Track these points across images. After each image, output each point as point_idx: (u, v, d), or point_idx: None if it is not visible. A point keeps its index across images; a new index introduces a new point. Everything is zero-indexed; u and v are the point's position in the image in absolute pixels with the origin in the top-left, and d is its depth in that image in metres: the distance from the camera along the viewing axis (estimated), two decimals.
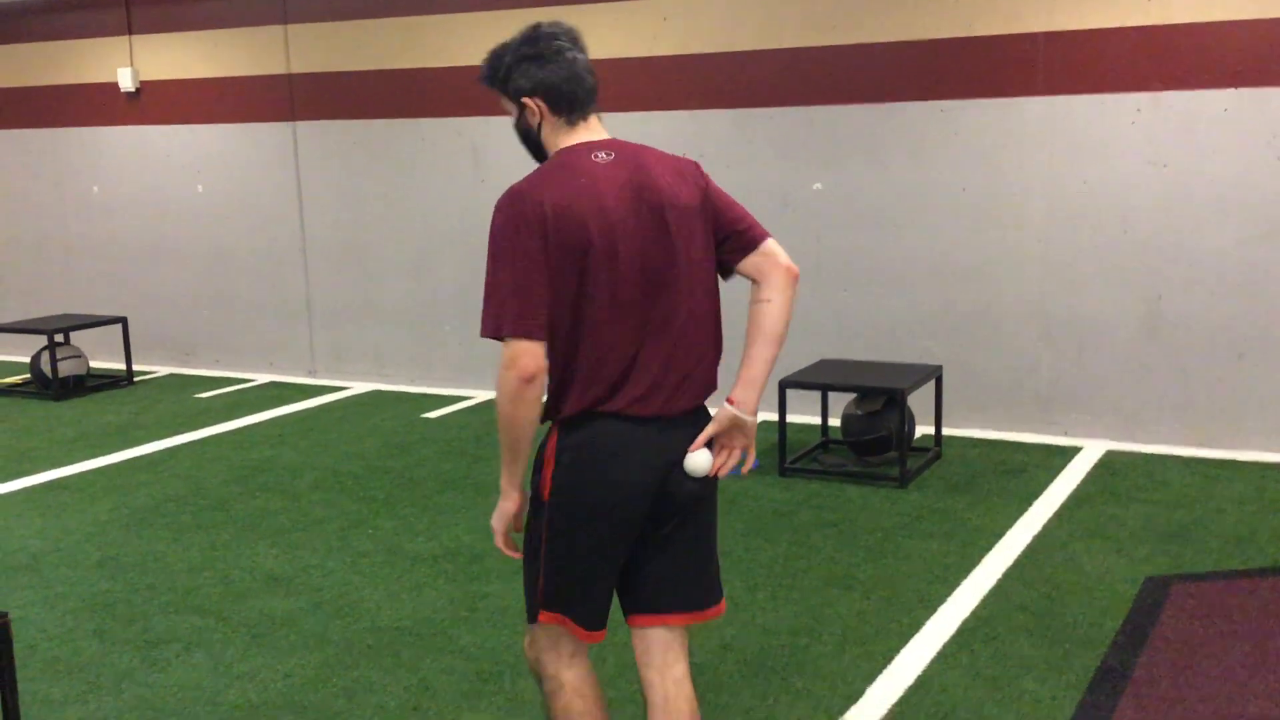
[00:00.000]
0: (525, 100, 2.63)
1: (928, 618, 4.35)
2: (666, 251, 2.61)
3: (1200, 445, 6.43)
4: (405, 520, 5.66)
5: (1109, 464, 6.21)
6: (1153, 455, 6.34)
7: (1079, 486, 5.84)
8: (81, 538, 5.55)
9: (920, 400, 6.57)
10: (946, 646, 4.10)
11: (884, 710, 3.65)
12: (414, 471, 6.49)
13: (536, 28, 2.62)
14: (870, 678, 3.87)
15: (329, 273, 9.07)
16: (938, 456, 6.42)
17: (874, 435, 6.17)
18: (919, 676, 3.88)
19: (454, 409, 7.99)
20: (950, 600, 4.50)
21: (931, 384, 6.48)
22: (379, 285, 8.87)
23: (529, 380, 2.52)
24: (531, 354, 2.52)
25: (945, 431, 6.72)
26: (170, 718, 3.76)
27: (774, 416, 6.38)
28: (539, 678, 2.80)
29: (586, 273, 2.55)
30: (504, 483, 2.72)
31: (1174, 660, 3.90)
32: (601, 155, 2.63)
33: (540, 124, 2.66)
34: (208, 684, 4.00)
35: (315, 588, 4.83)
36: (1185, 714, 3.54)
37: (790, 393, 6.32)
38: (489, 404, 8.12)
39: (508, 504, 2.73)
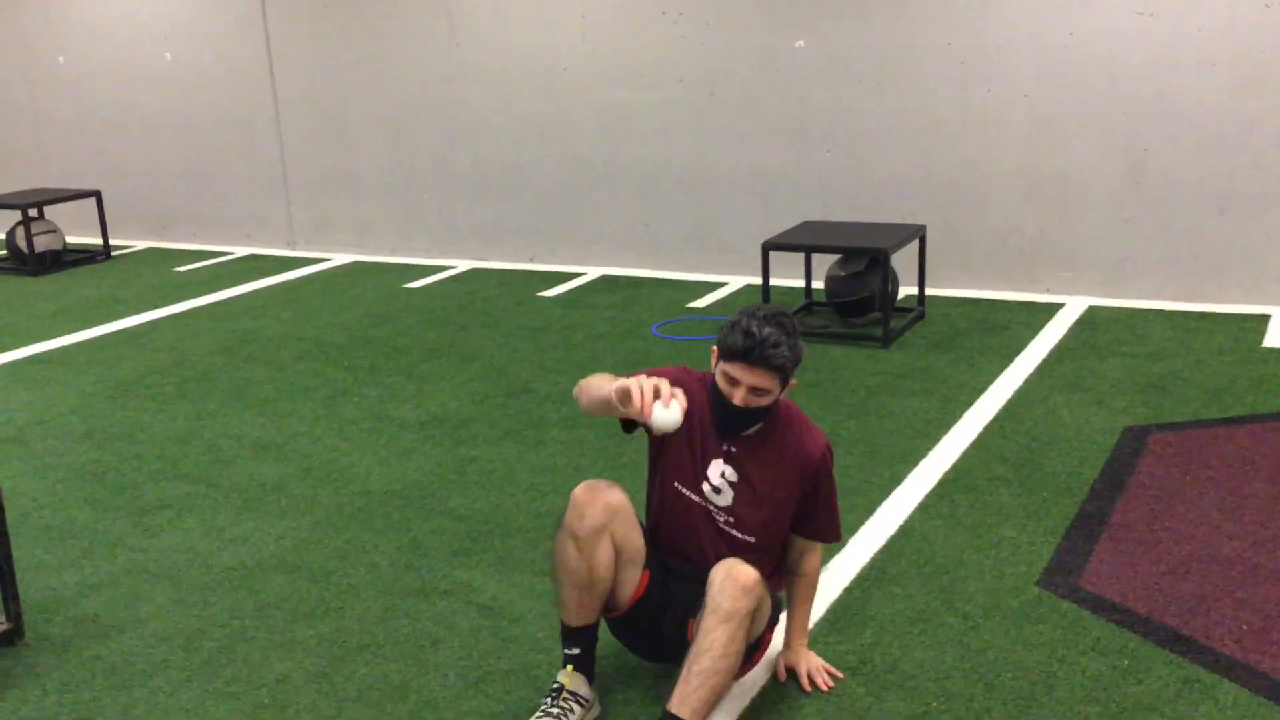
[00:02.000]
0: (792, 381, 2.94)
1: (909, 471, 4.41)
2: None
3: (1181, 299, 6.46)
4: (391, 388, 5.68)
5: (1090, 319, 6.24)
6: (1134, 310, 6.37)
7: (1060, 342, 5.88)
8: (67, 410, 5.56)
9: (904, 260, 6.56)
10: (928, 498, 4.17)
11: (867, 559, 3.73)
12: (398, 340, 6.49)
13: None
14: (853, 529, 3.93)
15: (304, 143, 8.91)
16: (921, 316, 6.44)
17: (857, 296, 6.17)
18: (901, 526, 3.95)
19: (436, 279, 7.95)
20: (932, 454, 4.56)
21: (915, 244, 6.46)
22: (356, 154, 8.73)
23: None
24: None
25: (928, 291, 6.72)
26: (164, 580, 3.82)
27: (757, 280, 6.38)
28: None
29: None
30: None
31: (1150, 506, 3.97)
32: None
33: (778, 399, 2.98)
34: (200, 547, 4.05)
35: (304, 454, 4.87)
36: (1160, 556, 3.62)
37: (773, 255, 6.30)
38: (471, 273, 8.09)
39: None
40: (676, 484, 3.01)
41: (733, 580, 2.70)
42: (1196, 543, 3.70)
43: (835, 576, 3.62)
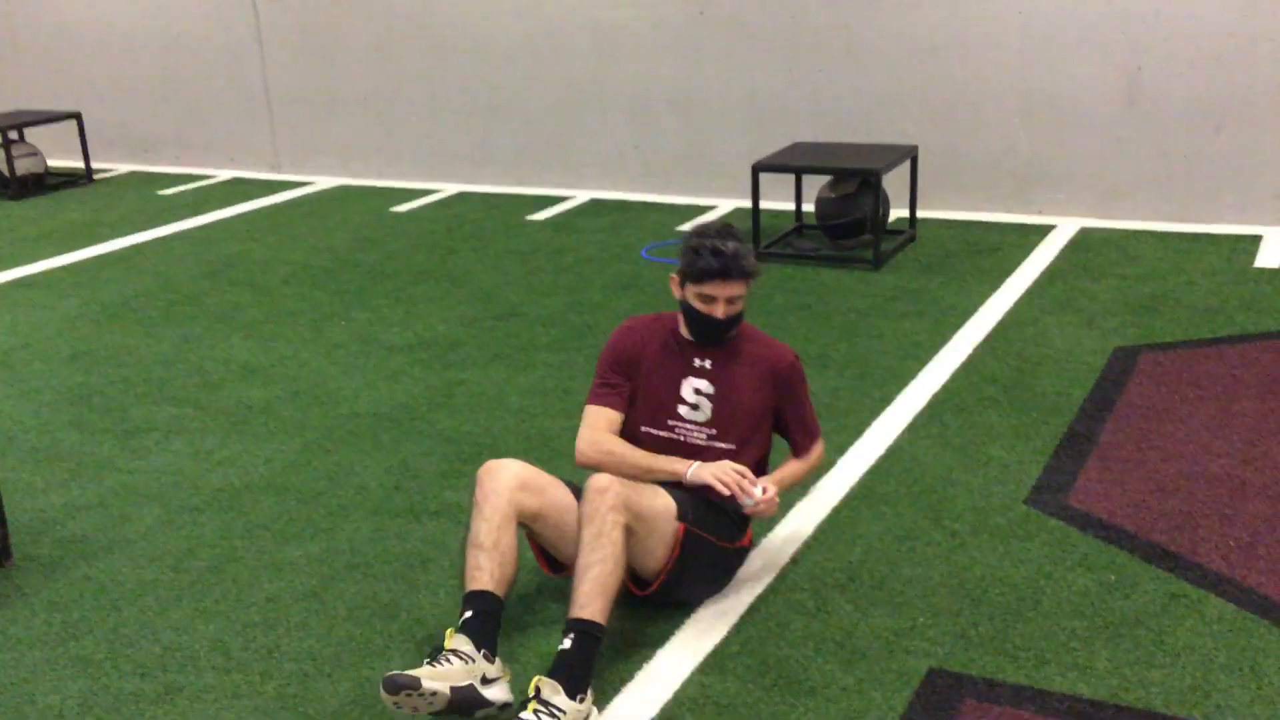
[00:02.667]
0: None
1: (899, 392, 4.40)
2: None
3: (1175, 220, 6.42)
4: (379, 312, 5.64)
5: (1083, 241, 6.21)
6: (1127, 231, 6.34)
7: (1052, 263, 5.85)
8: (52, 333, 5.51)
9: (895, 182, 6.50)
10: (917, 418, 4.16)
11: (856, 479, 3.73)
12: (385, 265, 6.44)
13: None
14: (842, 449, 3.94)
15: (287, 63, 8.76)
16: (912, 239, 6.39)
17: (848, 218, 6.12)
18: (890, 446, 3.95)
19: (423, 202, 7.87)
20: (921, 375, 4.55)
21: (907, 165, 6.39)
22: (340, 75, 8.59)
23: None
24: None
25: (920, 214, 6.67)
26: (152, 502, 3.81)
27: (747, 203, 6.32)
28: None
29: None
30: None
31: (1139, 425, 3.98)
32: None
33: None
34: (189, 469, 4.04)
35: (291, 377, 4.84)
36: (1149, 474, 3.63)
37: (764, 176, 6.23)
38: (458, 197, 8.00)
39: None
40: (644, 428, 3.15)
41: (591, 486, 2.79)
42: (1185, 461, 3.71)
43: (825, 496, 3.63)
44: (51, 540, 3.59)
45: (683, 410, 3.12)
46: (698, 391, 3.12)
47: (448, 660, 2.60)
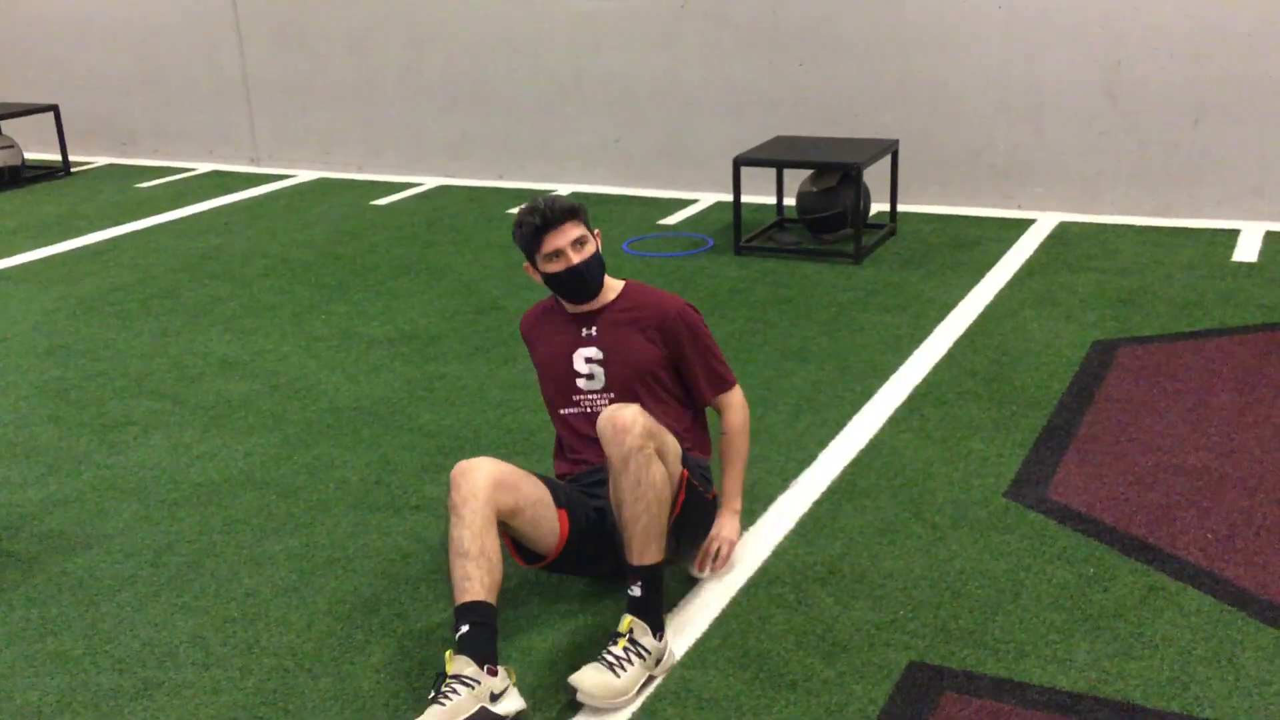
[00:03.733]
0: (595, 230, 3.22)
1: (880, 386, 4.41)
2: None
3: (1154, 214, 6.45)
4: (359, 305, 5.62)
5: (1062, 235, 6.24)
6: (1106, 225, 6.36)
7: (1031, 257, 5.87)
8: (29, 327, 5.47)
9: (876, 176, 6.51)
10: (897, 412, 4.17)
11: (837, 472, 3.74)
12: (365, 258, 6.41)
13: None
14: (824, 443, 3.94)
15: (266, 53, 8.71)
16: (892, 233, 6.41)
17: (829, 212, 6.12)
18: (871, 440, 3.96)
19: (403, 196, 7.84)
20: (902, 369, 4.56)
21: (888, 159, 6.40)
22: (319, 66, 8.55)
23: None
24: None
25: (901, 207, 6.68)
26: (130, 497, 3.79)
27: (728, 196, 6.32)
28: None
29: None
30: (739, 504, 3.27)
31: (1118, 418, 4.00)
32: None
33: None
34: (167, 464, 4.02)
35: (271, 371, 4.82)
36: (1127, 467, 3.65)
37: (745, 170, 6.23)
38: (439, 191, 7.98)
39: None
40: (560, 410, 3.23)
41: (612, 425, 2.80)
42: (1163, 454, 3.73)
43: (805, 490, 3.63)
44: (29, 535, 3.57)
45: (580, 382, 3.19)
46: (589, 360, 3.19)
47: (453, 692, 2.53)
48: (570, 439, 3.24)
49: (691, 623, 2.97)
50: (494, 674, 2.59)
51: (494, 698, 2.57)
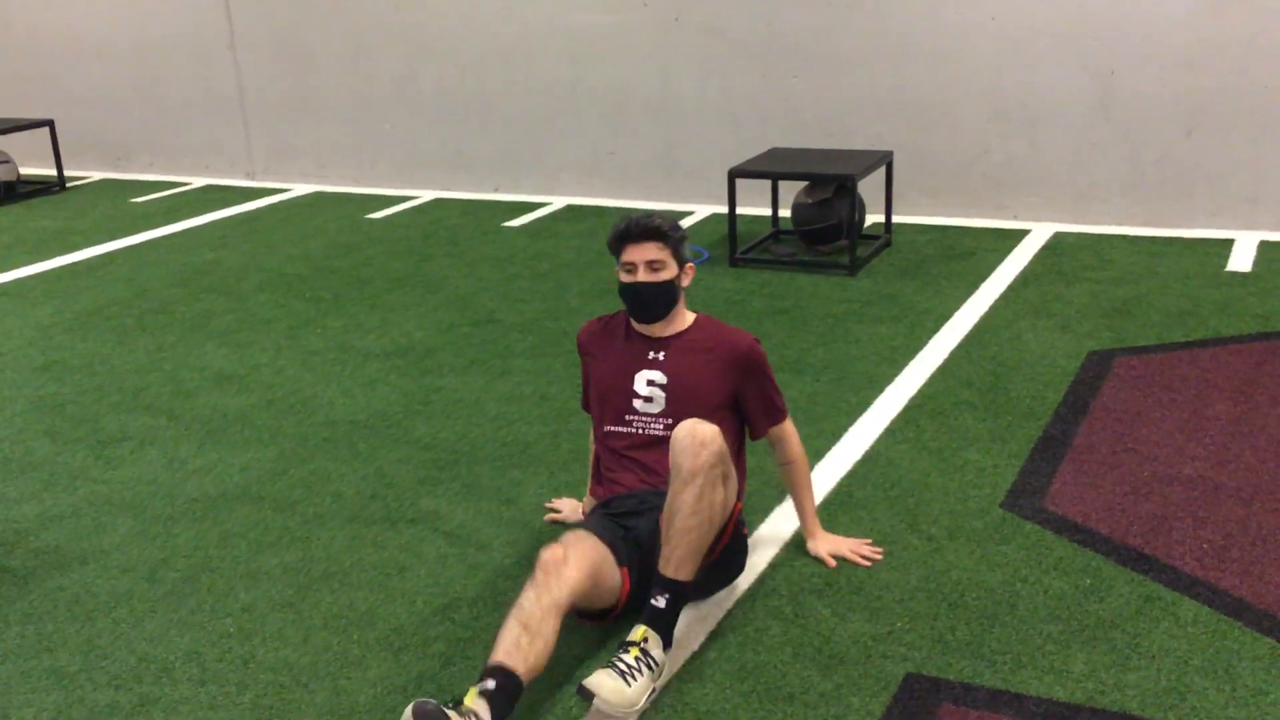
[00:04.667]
0: (689, 265, 3.25)
1: (876, 397, 4.42)
2: None
3: (1148, 224, 6.47)
4: (355, 318, 5.62)
5: (1056, 245, 6.25)
6: (1100, 235, 6.38)
7: (1026, 268, 5.88)
8: (24, 342, 5.47)
9: (871, 188, 6.52)
10: (894, 423, 4.18)
11: (833, 484, 3.74)
12: (361, 271, 6.41)
13: None
14: (820, 454, 3.94)
15: (261, 67, 8.73)
16: (888, 244, 6.42)
17: (824, 224, 6.13)
18: (867, 451, 3.96)
19: (399, 209, 7.85)
20: (898, 380, 4.56)
21: (882, 170, 6.42)
22: (314, 80, 8.56)
23: None
24: None
25: (895, 219, 6.70)
26: (127, 511, 3.78)
27: (723, 208, 6.33)
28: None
29: None
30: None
31: (1113, 428, 4.00)
32: None
33: (681, 288, 3.25)
34: (163, 478, 4.01)
35: (266, 385, 4.82)
36: (1123, 478, 3.65)
37: (740, 182, 6.24)
38: (434, 204, 7.99)
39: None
40: (607, 427, 3.22)
41: (692, 436, 2.80)
42: (1159, 464, 3.73)
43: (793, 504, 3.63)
44: (24, 551, 3.56)
45: (637, 404, 3.19)
46: (650, 383, 3.19)
47: (474, 717, 2.47)
48: (608, 459, 3.24)
49: (688, 636, 2.97)
50: None
51: None
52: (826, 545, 3.30)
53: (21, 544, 3.60)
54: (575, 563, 2.75)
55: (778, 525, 3.50)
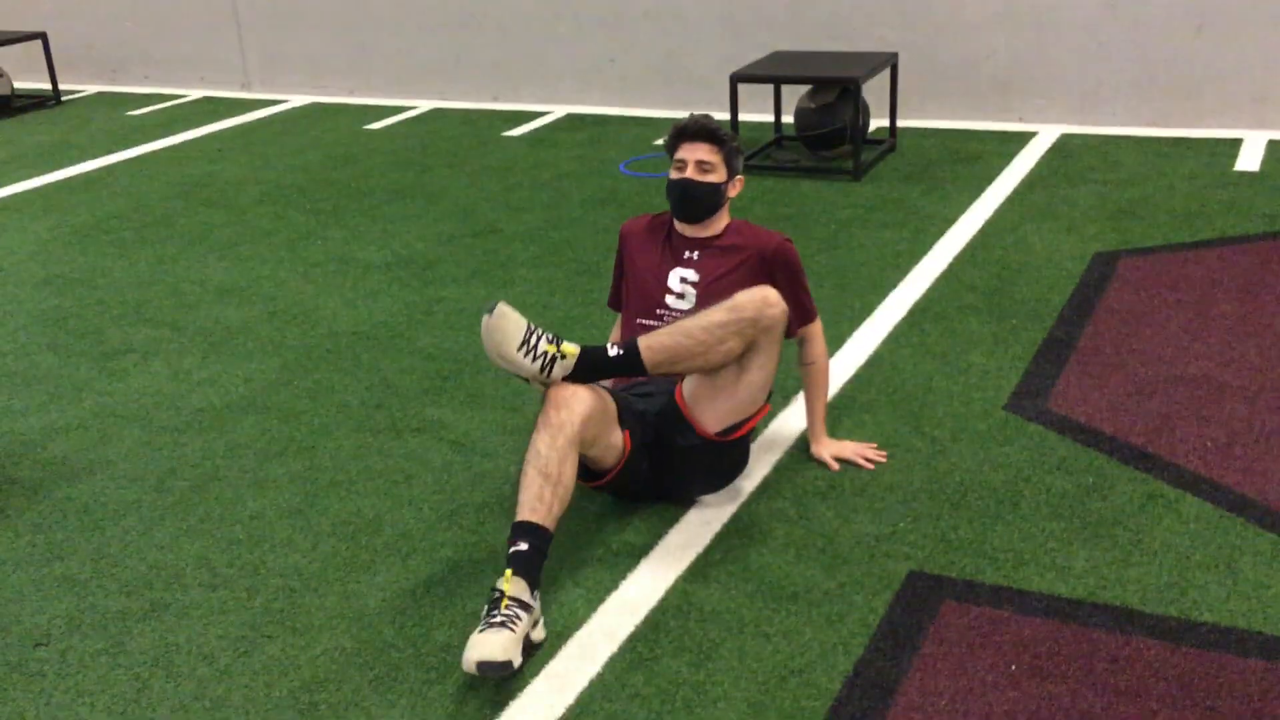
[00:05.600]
0: (739, 176, 3.30)
1: (880, 302, 4.40)
2: None
3: (1156, 124, 6.38)
4: (355, 230, 5.58)
5: (1063, 147, 6.18)
6: (1107, 136, 6.30)
7: (1032, 170, 5.82)
8: (24, 256, 5.45)
9: (875, 91, 6.43)
10: (898, 327, 4.16)
11: (837, 388, 3.74)
12: (360, 182, 6.36)
13: None
14: None
15: None
16: (892, 148, 6.34)
17: (828, 129, 6.06)
18: (871, 355, 3.96)
19: (397, 119, 7.76)
20: (902, 285, 4.54)
21: (886, 73, 6.32)
22: None
23: None
24: None
25: (900, 123, 6.61)
26: (133, 423, 3.79)
27: (725, 115, 6.25)
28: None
29: None
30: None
31: (1118, 329, 3.99)
32: None
33: (728, 196, 3.29)
34: (168, 389, 4.02)
35: (268, 297, 4.80)
36: (1127, 378, 3.65)
37: (742, 88, 6.15)
38: (433, 114, 7.89)
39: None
40: (639, 319, 3.24)
41: (762, 290, 2.87)
42: (1163, 364, 3.72)
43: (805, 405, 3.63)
44: (31, 462, 3.58)
45: (669, 300, 3.24)
46: (683, 280, 3.24)
47: (516, 618, 2.49)
48: None
49: (693, 539, 2.99)
50: (536, 600, 2.59)
51: (535, 623, 2.60)
52: (830, 449, 3.31)
53: (29, 455, 3.62)
54: (584, 396, 2.79)
55: (781, 428, 3.51)
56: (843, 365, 3.90)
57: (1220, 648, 2.47)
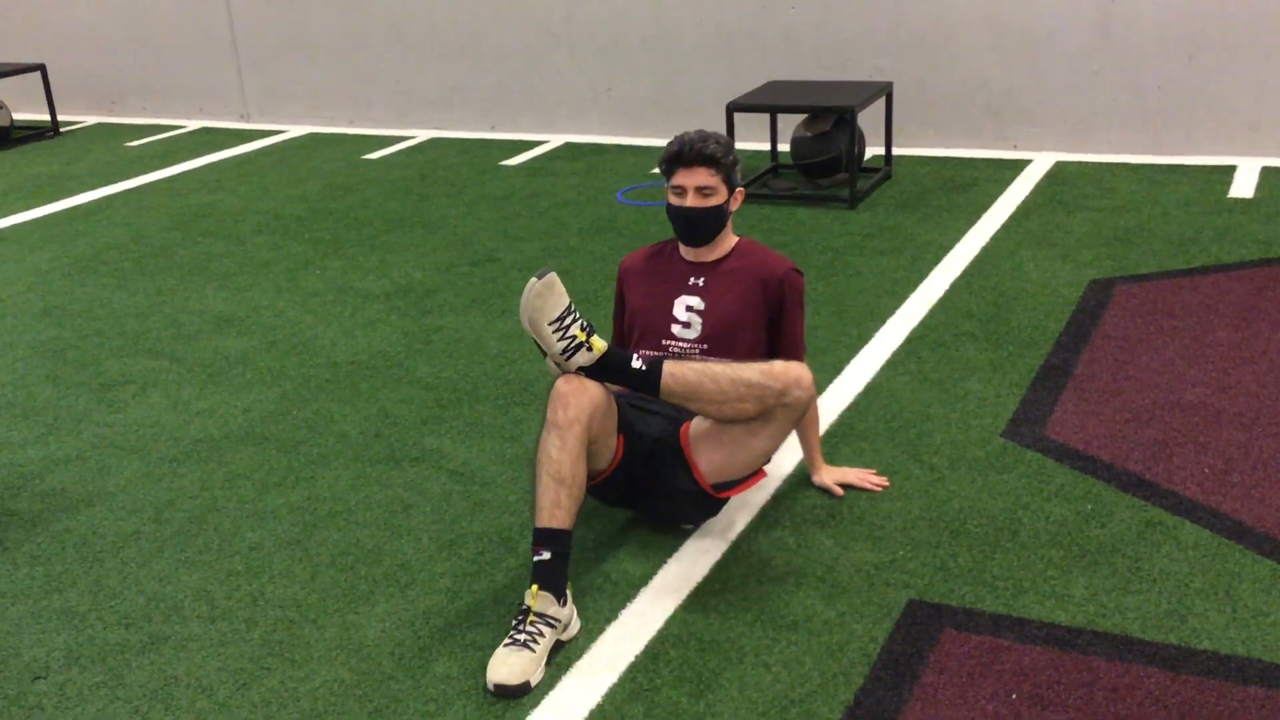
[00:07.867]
0: (739, 190, 3.25)
1: (877, 329, 4.41)
2: None
3: (1149, 151, 6.42)
4: (354, 259, 5.60)
5: (1058, 174, 6.21)
6: (1101, 164, 6.34)
7: (1027, 198, 5.85)
8: (23, 288, 5.46)
9: (871, 120, 6.47)
10: (895, 355, 4.18)
11: (835, 416, 3.75)
12: (359, 212, 6.38)
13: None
14: (821, 387, 3.94)
15: (253, 7, 8.62)
16: (888, 176, 6.38)
17: (824, 157, 6.09)
18: (869, 383, 3.97)
19: (395, 149, 7.79)
20: (899, 312, 4.56)
21: (882, 102, 6.36)
22: (307, 20, 8.46)
23: None
24: None
25: (895, 151, 6.65)
26: (132, 454, 3.79)
27: None
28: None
29: None
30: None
31: (1115, 356, 4.00)
32: None
33: (730, 212, 3.23)
34: (167, 421, 4.02)
35: (267, 327, 4.81)
36: (1124, 405, 3.66)
37: (738, 116, 6.19)
38: (431, 144, 7.93)
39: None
40: (642, 350, 3.21)
41: (799, 381, 2.83)
42: (1160, 390, 3.74)
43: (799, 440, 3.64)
44: (30, 494, 3.58)
45: (675, 329, 3.20)
46: (689, 309, 3.19)
47: (540, 635, 2.60)
48: None
49: (692, 568, 2.99)
50: (564, 606, 2.67)
51: (564, 628, 2.68)
52: (833, 475, 3.32)
53: (28, 487, 3.62)
54: (593, 393, 2.79)
55: (779, 456, 3.51)
56: (840, 393, 3.91)
57: (1220, 675, 2.47)
